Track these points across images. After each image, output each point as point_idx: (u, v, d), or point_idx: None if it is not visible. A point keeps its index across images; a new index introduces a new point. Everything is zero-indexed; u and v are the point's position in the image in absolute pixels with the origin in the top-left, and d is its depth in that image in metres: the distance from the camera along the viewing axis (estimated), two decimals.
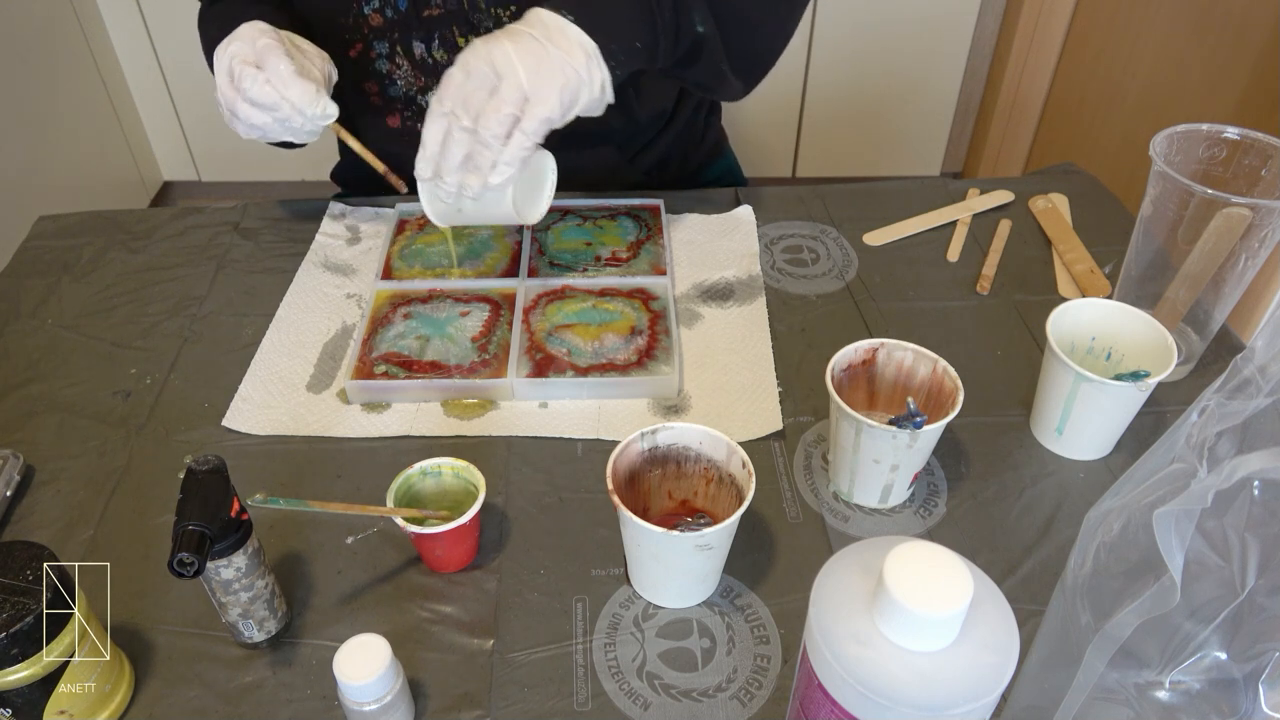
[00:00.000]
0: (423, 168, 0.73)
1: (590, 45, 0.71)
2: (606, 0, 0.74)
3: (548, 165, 0.80)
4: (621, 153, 1.01)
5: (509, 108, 0.68)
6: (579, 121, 0.74)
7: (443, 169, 0.71)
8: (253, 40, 0.75)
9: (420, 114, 0.96)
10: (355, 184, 1.11)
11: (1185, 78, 1.67)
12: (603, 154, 0.99)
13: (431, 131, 0.71)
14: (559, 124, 0.71)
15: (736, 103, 0.95)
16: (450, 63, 0.86)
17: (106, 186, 2.16)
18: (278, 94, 0.74)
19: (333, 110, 0.77)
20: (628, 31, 0.74)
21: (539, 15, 0.72)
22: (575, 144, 0.81)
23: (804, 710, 0.45)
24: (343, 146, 1.11)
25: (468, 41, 0.88)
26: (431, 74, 0.93)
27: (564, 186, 0.97)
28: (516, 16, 0.87)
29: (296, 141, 0.81)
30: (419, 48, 0.90)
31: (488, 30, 0.88)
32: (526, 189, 0.77)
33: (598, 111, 0.75)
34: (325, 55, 0.81)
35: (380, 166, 0.82)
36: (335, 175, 1.14)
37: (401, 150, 0.80)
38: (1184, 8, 1.66)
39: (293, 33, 0.80)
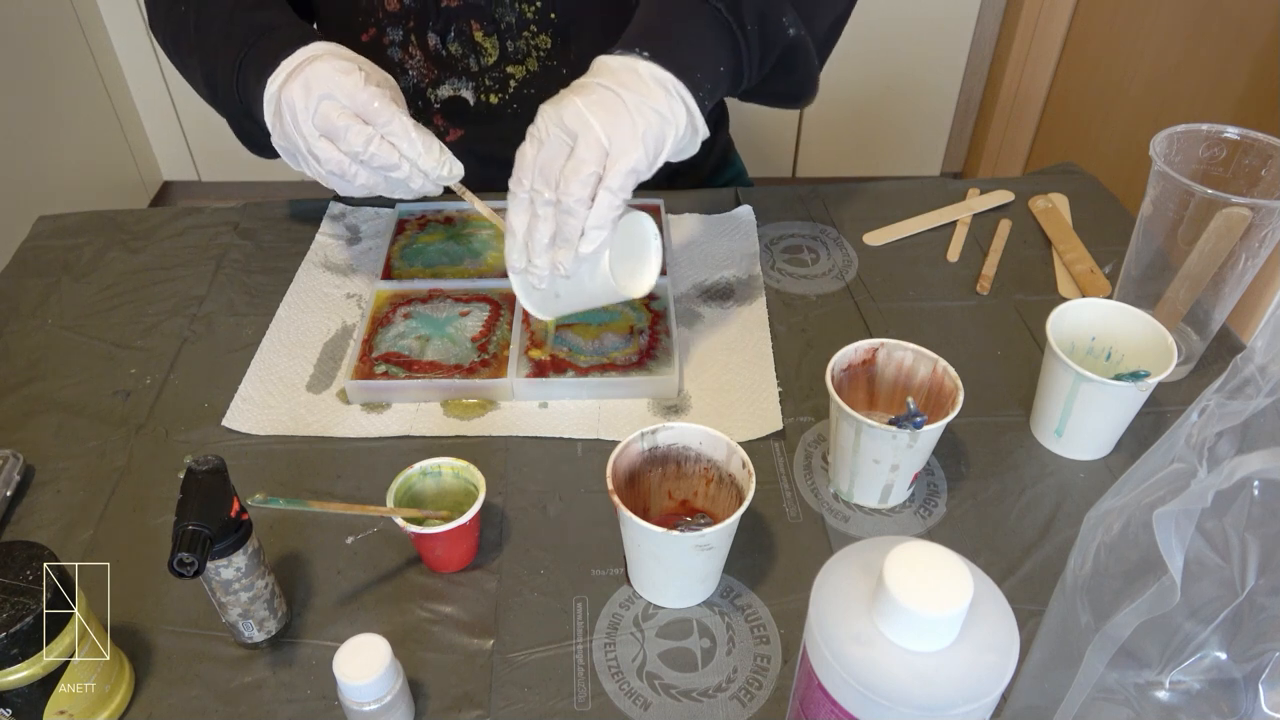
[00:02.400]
0: (515, 258, 0.66)
1: (668, 79, 0.64)
2: (679, 27, 0.67)
3: (648, 230, 0.70)
4: None
5: (589, 167, 0.61)
6: None
7: (532, 252, 0.64)
8: (350, 90, 0.65)
9: (429, 108, 0.96)
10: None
11: (1185, 78, 1.67)
12: None
13: (515, 216, 0.64)
14: (647, 174, 0.63)
15: (741, 101, 0.92)
16: (464, 56, 0.83)
17: (106, 186, 2.16)
18: (398, 154, 0.66)
19: (459, 170, 0.70)
20: (709, 56, 0.67)
21: (604, 63, 0.65)
22: None
23: (804, 710, 0.45)
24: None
25: (484, 36, 0.87)
26: (444, 67, 0.90)
27: None
28: (541, 12, 0.87)
29: (404, 198, 0.71)
30: (433, 39, 0.88)
31: (508, 26, 0.86)
32: (627, 258, 0.69)
33: (692, 150, 0.68)
34: (393, 80, 0.72)
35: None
36: None
37: None
38: (1184, 8, 1.66)
39: (349, 50, 0.71)
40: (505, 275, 0.86)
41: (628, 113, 0.62)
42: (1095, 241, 0.93)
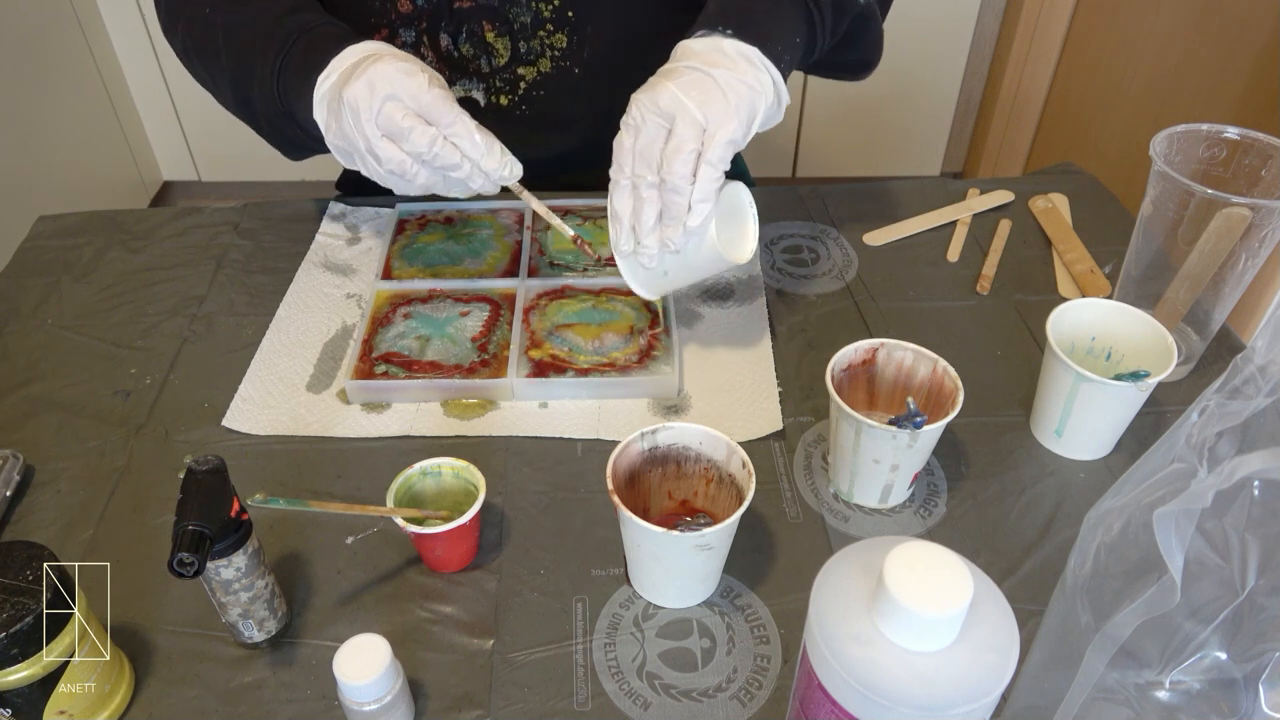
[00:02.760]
0: (622, 242, 0.69)
1: (753, 53, 0.68)
2: (756, 3, 0.70)
3: (744, 198, 0.74)
4: None
5: (690, 144, 0.64)
6: (597, 127, 0.72)
7: (640, 234, 0.68)
8: (414, 92, 0.66)
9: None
10: (360, 192, 1.11)
11: (1185, 78, 1.67)
12: None
13: (619, 203, 0.68)
14: (743, 144, 0.67)
15: None
16: (475, 58, 0.83)
17: (106, 186, 2.16)
18: (460, 154, 0.68)
19: (518, 170, 0.72)
20: (787, 28, 0.71)
21: (687, 47, 0.69)
22: (598, 150, 0.78)
23: (804, 710, 0.45)
24: None
25: (496, 37, 0.87)
26: (456, 68, 0.90)
27: (582, 187, 0.96)
28: (559, 10, 0.87)
29: (459, 196, 0.73)
30: (445, 40, 0.88)
31: (522, 26, 0.86)
32: (725, 227, 0.72)
33: (778, 118, 0.72)
34: (444, 81, 0.72)
35: (569, 232, 0.77)
36: (340, 184, 1.13)
37: None
38: (1184, 8, 1.66)
39: (404, 52, 0.71)
40: (505, 275, 0.87)
41: (719, 89, 0.65)
42: (1095, 241, 0.93)
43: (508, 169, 0.71)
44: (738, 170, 1.18)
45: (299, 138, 0.76)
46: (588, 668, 0.60)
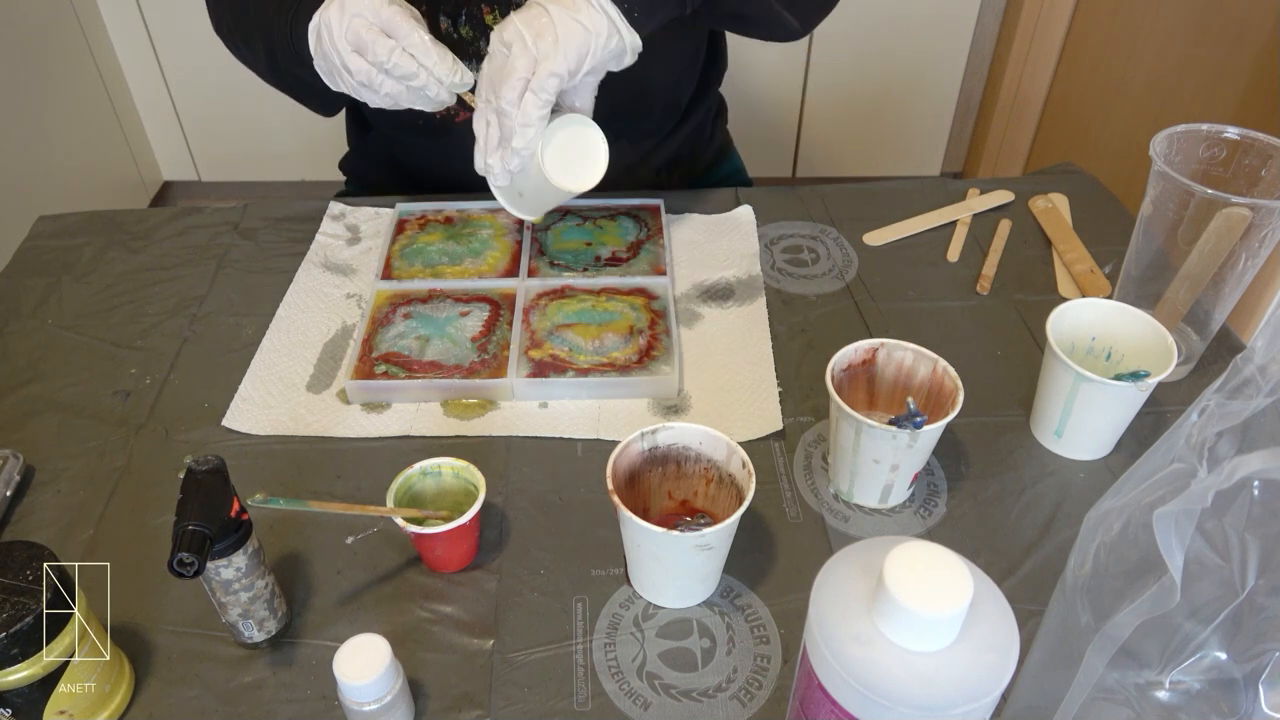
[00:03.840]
0: (478, 161, 0.75)
1: None
2: None
3: (595, 138, 0.78)
4: (635, 149, 1.01)
5: (519, 73, 0.70)
6: (601, 116, 0.75)
7: (485, 153, 0.74)
8: (375, 8, 0.73)
9: None
10: (363, 176, 1.11)
11: (1185, 78, 1.67)
12: (617, 150, 0.99)
13: (477, 125, 0.74)
14: (570, 79, 0.72)
15: (741, 101, 0.93)
16: (474, 40, 0.87)
17: (106, 186, 2.16)
18: (416, 63, 0.73)
19: (469, 78, 0.76)
20: None
21: None
22: None
23: (804, 710, 0.45)
24: (353, 136, 1.11)
25: (495, 19, 0.89)
26: (456, 50, 0.91)
27: None
28: None
29: (424, 109, 0.79)
30: (445, 22, 0.89)
31: (518, 8, 0.88)
32: (572, 159, 0.77)
33: (628, 60, 0.75)
34: (413, 8, 0.78)
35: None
36: (343, 166, 1.14)
37: (418, 132, 0.79)
38: (1184, 8, 1.66)
39: None
40: (505, 275, 0.87)
41: (553, 25, 0.70)
42: (1095, 241, 0.93)
43: (458, 75, 0.75)
44: (734, 167, 1.17)
45: (318, 84, 0.80)
46: (588, 668, 0.60)
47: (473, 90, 0.77)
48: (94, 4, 2.08)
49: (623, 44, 0.73)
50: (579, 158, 0.77)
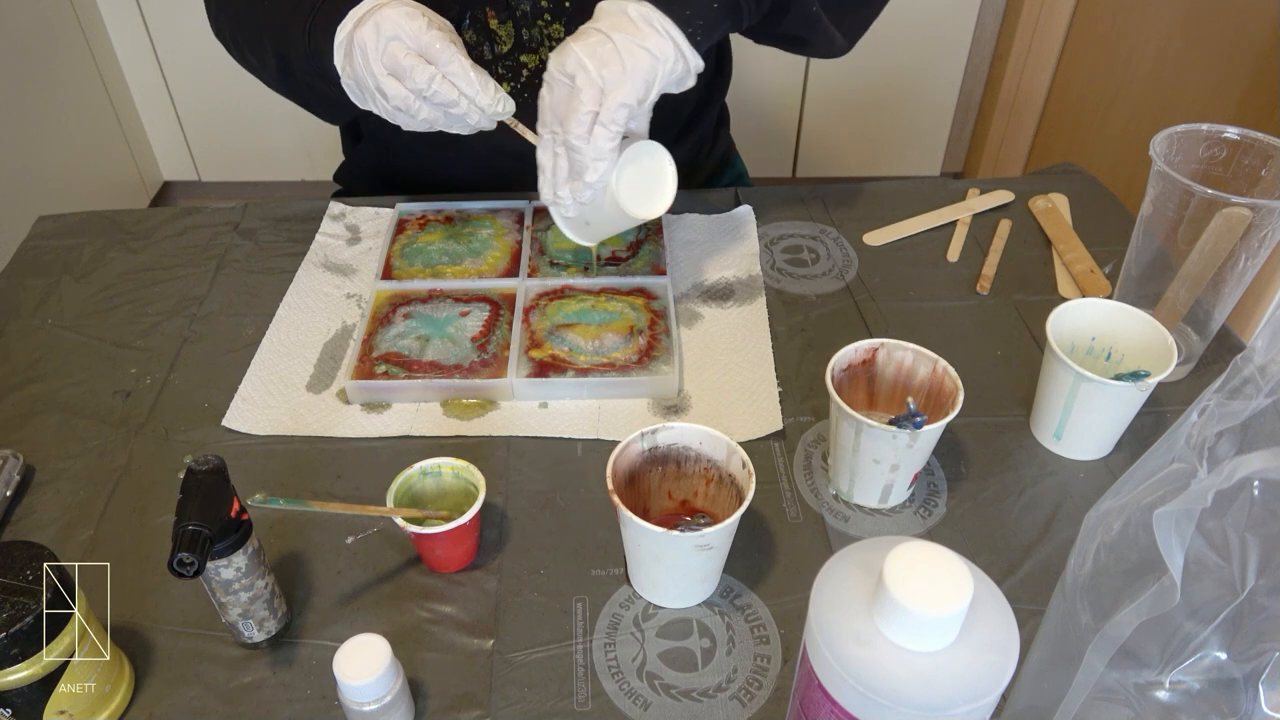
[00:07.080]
0: (545, 192, 0.73)
1: (655, 17, 0.70)
2: None
3: (664, 161, 0.77)
4: None
5: (586, 105, 0.68)
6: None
7: (555, 185, 0.72)
8: (415, 33, 0.71)
9: None
10: (359, 186, 1.11)
11: (1185, 78, 1.67)
12: None
13: (543, 155, 0.72)
14: (639, 108, 0.70)
15: (742, 101, 0.93)
16: (479, 44, 0.86)
17: (106, 186, 2.16)
18: (457, 91, 0.72)
19: (510, 105, 0.75)
20: None
21: (601, 9, 0.72)
22: None
23: (804, 710, 0.45)
24: (348, 145, 1.11)
25: (499, 24, 0.88)
26: None
27: None
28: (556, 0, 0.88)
29: (460, 133, 0.78)
30: None
31: (524, 14, 0.88)
32: (643, 186, 0.76)
33: (689, 83, 0.74)
34: (451, 26, 0.77)
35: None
36: (339, 177, 1.14)
37: (428, 138, 0.78)
38: (1184, 7, 1.66)
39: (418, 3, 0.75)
40: (505, 275, 0.87)
41: (617, 53, 0.68)
42: (1095, 241, 0.93)
43: (500, 105, 0.74)
44: (735, 170, 1.17)
45: (336, 95, 0.79)
46: (588, 668, 0.60)
47: (515, 116, 0.76)
48: (94, 4, 2.08)
49: (686, 67, 0.72)
50: (649, 185, 0.76)
